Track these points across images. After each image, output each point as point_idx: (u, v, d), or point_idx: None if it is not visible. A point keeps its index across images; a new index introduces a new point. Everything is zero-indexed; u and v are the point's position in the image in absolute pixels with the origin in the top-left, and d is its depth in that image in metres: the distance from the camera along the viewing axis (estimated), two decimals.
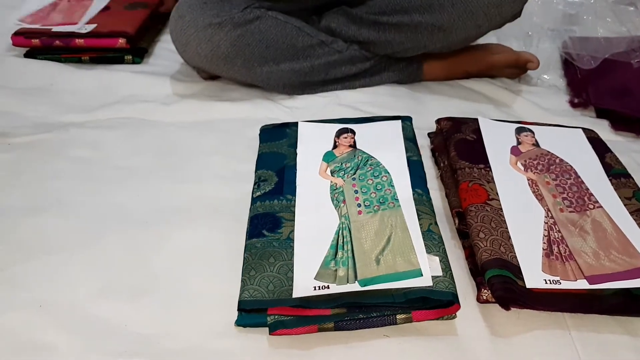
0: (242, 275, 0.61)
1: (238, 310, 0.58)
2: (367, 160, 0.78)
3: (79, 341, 0.56)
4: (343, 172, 0.76)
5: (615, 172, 0.77)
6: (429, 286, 0.59)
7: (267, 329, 0.56)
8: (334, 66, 1.00)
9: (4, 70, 1.04)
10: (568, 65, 1.13)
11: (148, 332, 0.57)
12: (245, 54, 0.94)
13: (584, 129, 0.87)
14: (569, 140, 0.83)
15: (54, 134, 0.87)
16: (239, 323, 0.58)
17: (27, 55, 1.09)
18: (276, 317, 0.57)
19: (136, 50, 1.10)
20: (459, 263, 0.66)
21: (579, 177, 0.75)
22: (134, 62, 1.09)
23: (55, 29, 1.09)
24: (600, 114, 0.99)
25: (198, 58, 0.95)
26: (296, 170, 0.77)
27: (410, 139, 0.83)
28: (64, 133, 0.87)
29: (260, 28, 0.95)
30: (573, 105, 1.03)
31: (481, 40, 1.05)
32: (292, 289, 0.59)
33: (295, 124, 0.86)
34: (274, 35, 0.95)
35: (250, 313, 0.58)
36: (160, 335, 0.57)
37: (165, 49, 1.14)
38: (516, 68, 1.08)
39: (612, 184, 0.75)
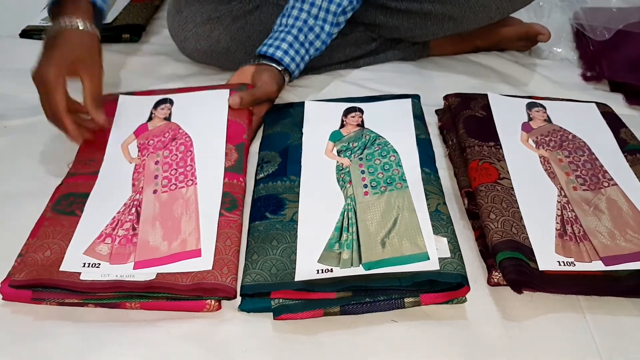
0: (245, 260, 0.60)
1: (240, 295, 0.57)
2: (375, 139, 0.75)
3: None
4: (350, 151, 0.73)
5: (631, 147, 0.75)
6: (435, 270, 0.57)
7: (271, 314, 0.55)
8: (338, 49, 0.96)
9: None
10: (580, 37, 1.10)
11: (152, 318, 0.56)
12: (246, 46, 0.91)
13: (598, 104, 0.84)
14: (582, 116, 0.80)
15: None
16: (243, 308, 0.56)
17: (23, 35, 1.07)
18: (280, 301, 0.56)
19: (134, 27, 1.08)
20: (468, 245, 0.64)
21: (593, 153, 0.73)
22: (131, 41, 1.07)
23: None
24: (614, 88, 0.96)
25: (197, 54, 0.93)
26: (301, 150, 0.74)
27: (418, 117, 0.80)
28: None
29: (260, 18, 0.91)
30: (586, 78, 1.00)
31: None
32: (295, 272, 0.58)
33: (300, 104, 0.84)
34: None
35: (254, 298, 0.57)
36: (165, 320, 0.56)
37: (164, 27, 1.11)
38: (526, 40, 1.05)
39: (628, 161, 0.72)
